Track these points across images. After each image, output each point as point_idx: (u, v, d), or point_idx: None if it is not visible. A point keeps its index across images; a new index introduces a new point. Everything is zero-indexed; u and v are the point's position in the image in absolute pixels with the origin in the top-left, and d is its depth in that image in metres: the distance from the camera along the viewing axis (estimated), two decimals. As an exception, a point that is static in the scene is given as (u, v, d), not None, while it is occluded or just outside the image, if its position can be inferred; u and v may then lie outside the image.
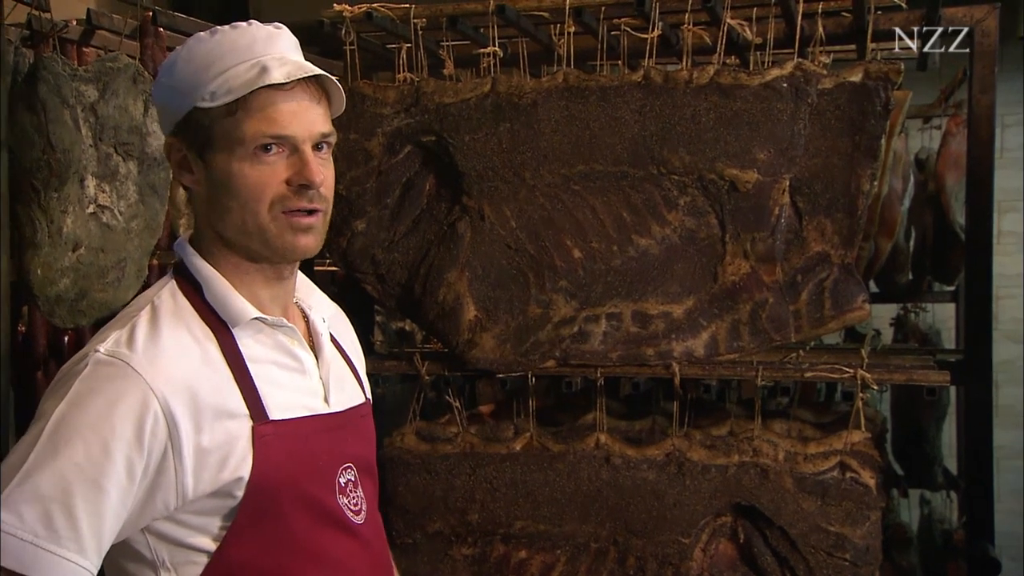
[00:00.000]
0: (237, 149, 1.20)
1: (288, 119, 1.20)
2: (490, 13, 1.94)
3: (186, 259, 1.28)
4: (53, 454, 1.12)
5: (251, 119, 1.19)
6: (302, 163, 1.21)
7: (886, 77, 1.84)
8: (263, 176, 1.20)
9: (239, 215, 1.21)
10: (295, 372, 1.30)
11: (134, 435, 1.13)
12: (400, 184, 2.09)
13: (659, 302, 1.99)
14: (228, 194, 1.21)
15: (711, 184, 1.94)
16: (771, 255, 1.93)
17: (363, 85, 2.06)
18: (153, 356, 1.17)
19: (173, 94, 1.22)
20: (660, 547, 1.90)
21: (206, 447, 1.18)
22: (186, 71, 1.21)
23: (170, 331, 1.21)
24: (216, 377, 1.21)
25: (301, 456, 1.25)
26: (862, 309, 1.92)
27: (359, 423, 1.39)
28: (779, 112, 1.87)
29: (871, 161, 1.87)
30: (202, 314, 1.24)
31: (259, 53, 1.21)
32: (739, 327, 1.95)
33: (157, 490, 1.17)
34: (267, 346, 1.27)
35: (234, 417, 1.20)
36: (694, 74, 1.92)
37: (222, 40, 1.22)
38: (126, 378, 1.15)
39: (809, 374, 1.94)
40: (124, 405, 1.14)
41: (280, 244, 1.23)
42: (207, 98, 1.19)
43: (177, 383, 1.17)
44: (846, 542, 1.77)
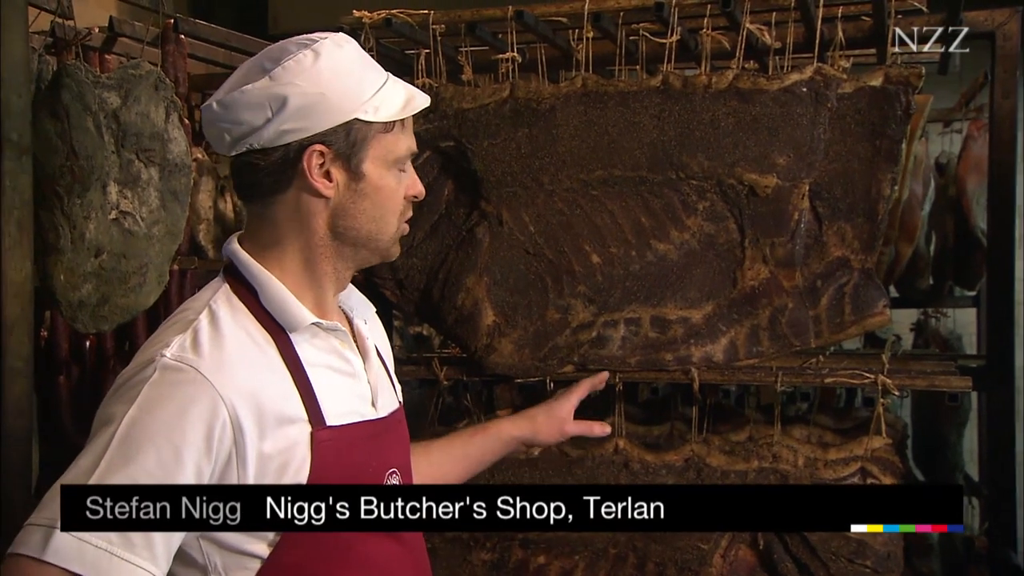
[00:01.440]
0: (390, 162, 1.29)
1: (413, 138, 1.34)
2: (508, 19, 1.95)
3: (238, 262, 1.29)
4: (124, 460, 1.13)
5: (403, 137, 1.31)
6: (413, 178, 1.35)
7: (907, 81, 1.83)
8: (401, 188, 1.33)
9: (375, 223, 1.30)
10: (347, 376, 1.32)
11: (204, 441, 1.15)
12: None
13: (678, 307, 1.99)
14: (374, 203, 1.29)
15: (730, 189, 1.93)
16: (791, 260, 1.92)
17: (382, 91, 2.07)
18: (220, 362, 1.19)
19: (321, 102, 1.23)
20: (679, 553, 1.89)
21: (268, 453, 1.19)
22: (338, 83, 1.24)
23: (232, 336, 1.23)
24: (278, 382, 1.23)
25: (353, 462, 1.27)
26: (883, 314, 1.90)
27: (398, 428, 1.40)
28: (799, 116, 1.87)
29: (891, 165, 1.86)
30: (258, 318, 1.26)
31: (382, 70, 1.32)
32: (759, 332, 1.95)
33: None
34: (322, 350, 1.30)
35: (294, 423, 1.22)
36: (713, 79, 1.91)
37: (356, 54, 1.29)
38: (195, 383, 1.17)
39: (829, 379, 1.93)
40: (195, 411, 1.15)
41: (394, 250, 1.36)
42: (369, 112, 1.25)
43: (243, 389, 1.19)
44: (867, 549, 1.76)
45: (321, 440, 1.23)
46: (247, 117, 1.24)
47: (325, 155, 1.25)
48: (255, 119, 1.24)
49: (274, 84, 1.22)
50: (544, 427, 1.75)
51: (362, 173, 1.28)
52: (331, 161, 1.26)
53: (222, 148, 1.29)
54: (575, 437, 2.08)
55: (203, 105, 1.34)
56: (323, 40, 1.27)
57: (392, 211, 1.32)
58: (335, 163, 1.26)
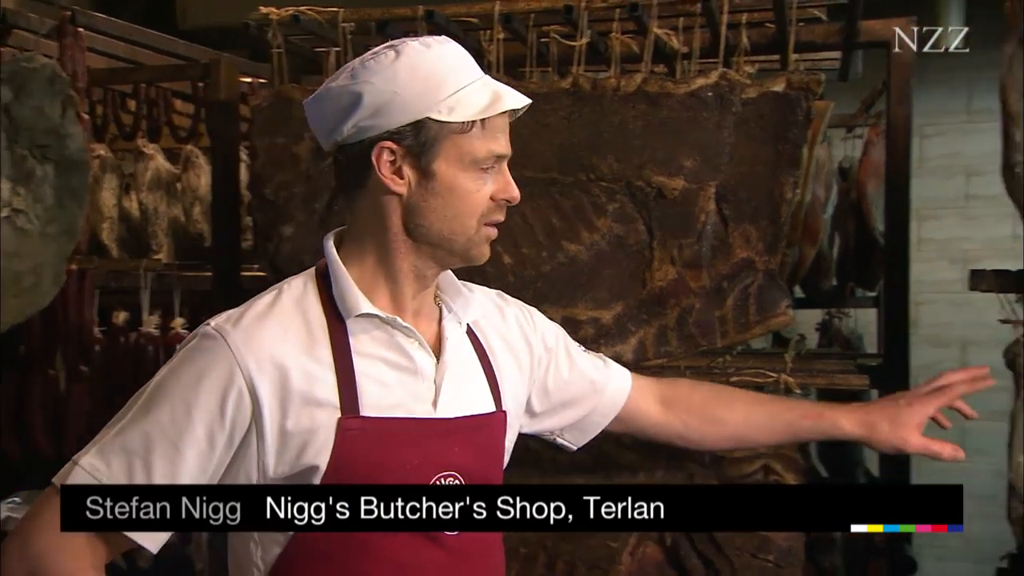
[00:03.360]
0: (467, 162, 1.28)
1: (505, 141, 1.31)
2: (419, 19, 1.94)
3: (326, 254, 1.34)
4: (145, 413, 1.23)
5: (483, 138, 1.28)
6: (505, 181, 1.32)
7: (807, 87, 1.88)
8: (482, 191, 1.30)
9: (450, 223, 1.30)
10: (405, 372, 1.31)
11: (217, 406, 1.21)
12: (328, 189, 2.07)
13: (588, 308, 2.00)
14: (446, 203, 1.29)
15: (639, 191, 1.96)
16: (698, 261, 1.95)
17: (291, 89, 2.04)
18: (251, 334, 1.24)
19: (394, 100, 1.25)
20: (589, 552, 1.90)
21: (289, 430, 1.23)
22: (413, 82, 1.25)
23: (283, 314, 1.28)
24: (313, 364, 1.25)
25: (388, 456, 1.27)
26: (785, 315, 1.95)
27: (477, 432, 1.37)
28: (704, 120, 1.90)
29: (793, 169, 1.91)
30: (326, 305, 1.30)
31: (476, 73, 1.31)
32: (667, 332, 1.98)
33: (240, 462, 1.24)
34: (380, 343, 1.31)
35: (322, 406, 1.24)
36: (622, 82, 1.94)
37: (446, 54, 1.29)
38: (218, 351, 1.23)
39: (735, 378, 1.96)
40: (211, 377, 1.22)
41: (476, 252, 1.34)
42: (443, 111, 1.25)
43: (267, 363, 1.23)
44: (770, 544, 1.80)
45: (349, 428, 1.24)
46: (331, 113, 1.29)
47: (396, 152, 1.27)
48: (337, 115, 1.29)
49: (354, 82, 1.27)
50: (884, 436, 1.56)
51: (432, 171, 1.28)
52: (402, 158, 1.28)
53: (321, 143, 1.35)
54: None
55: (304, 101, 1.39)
56: (412, 41, 1.30)
57: (469, 212, 1.30)
58: (405, 160, 1.28)
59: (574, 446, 1.64)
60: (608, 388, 1.60)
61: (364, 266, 1.33)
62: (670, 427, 1.63)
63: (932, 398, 1.56)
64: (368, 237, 1.33)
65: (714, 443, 1.67)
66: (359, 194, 1.33)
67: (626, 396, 1.61)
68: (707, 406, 1.62)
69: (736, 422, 1.61)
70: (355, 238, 1.35)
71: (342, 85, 1.28)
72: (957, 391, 1.55)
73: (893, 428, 1.55)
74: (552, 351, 1.57)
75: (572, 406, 1.59)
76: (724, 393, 1.67)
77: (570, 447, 1.64)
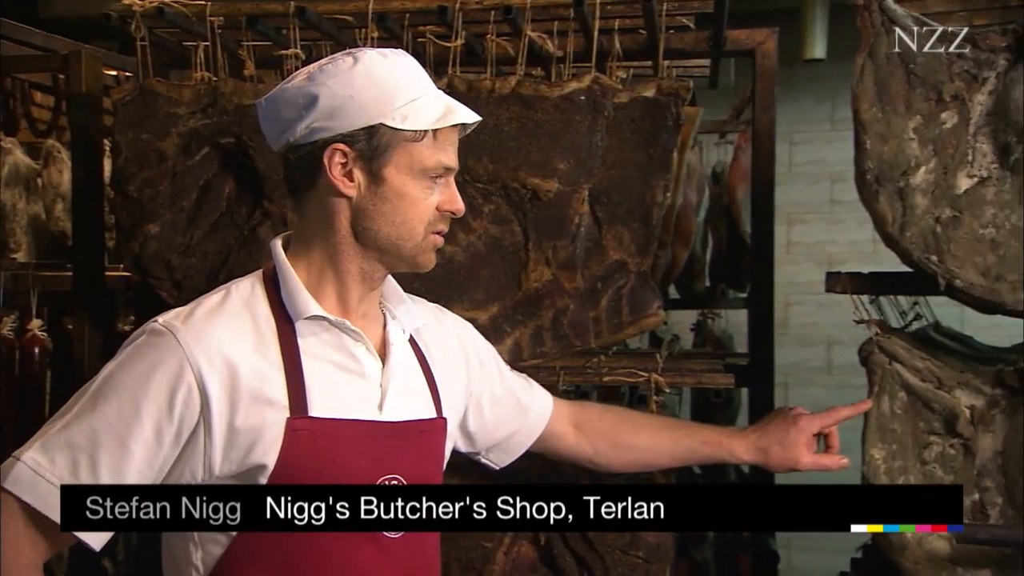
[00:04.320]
0: (416, 171, 1.31)
1: (454, 155, 1.37)
2: (290, 15, 1.90)
3: (274, 256, 1.36)
4: (92, 409, 1.23)
5: (434, 149, 1.32)
6: (451, 193, 1.37)
7: (676, 93, 1.92)
8: (429, 200, 1.34)
9: (398, 228, 1.33)
10: (352, 374, 1.33)
11: (166, 402, 1.22)
12: (197, 187, 2.01)
13: (464, 308, 2.00)
14: (395, 208, 1.32)
15: (514, 192, 1.97)
16: (572, 263, 1.98)
17: (156, 83, 1.97)
18: (201, 331, 1.26)
19: (348, 104, 1.29)
20: (463, 552, 1.90)
21: (238, 427, 1.24)
22: (370, 88, 1.29)
23: (232, 313, 1.30)
24: (263, 364, 1.27)
25: (334, 457, 1.28)
26: (657, 315, 1.99)
27: (419, 437, 1.38)
28: (578, 124, 1.92)
29: (664, 173, 1.95)
30: (274, 307, 1.32)
31: (430, 86, 1.35)
32: (542, 333, 1.99)
33: (187, 459, 1.24)
34: (329, 345, 1.33)
35: (271, 405, 1.25)
36: (496, 84, 1.94)
37: (403, 65, 1.33)
38: (168, 347, 1.24)
39: (608, 378, 2.00)
40: (160, 372, 1.23)
41: (422, 259, 1.37)
42: (397, 119, 1.29)
43: (217, 359, 1.24)
44: (640, 540, 1.83)
45: (296, 428, 1.25)
46: (285, 113, 1.32)
47: (348, 155, 1.30)
48: (290, 115, 1.31)
49: (310, 84, 1.30)
50: (777, 459, 1.65)
51: (383, 177, 1.31)
52: (353, 161, 1.31)
53: (271, 143, 1.38)
54: None
55: (256, 102, 1.43)
56: (369, 50, 1.34)
57: (416, 219, 1.33)
58: (357, 164, 1.31)
59: (497, 466, 1.69)
60: (533, 409, 1.66)
61: (312, 268, 1.35)
62: (581, 451, 1.70)
63: (816, 419, 1.66)
64: (316, 239, 1.35)
65: (621, 467, 1.72)
66: (308, 195, 1.35)
67: (548, 417, 1.67)
68: (615, 431, 1.68)
69: (642, 447, 1.68)
70: (303, 240, 1.37)
71: (298, 86, 1.31)
72: (842, 414, 1.66)
73: (784, 450, 1.64)
74: (485, 367, 1.61)
75: (501, 425, 1.63)
76: (631, 418, 1.74)
77: (493, 467, 1.69)
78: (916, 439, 1.68)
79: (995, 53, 1.64)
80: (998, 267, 1.60)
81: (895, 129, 1.65)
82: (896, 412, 1.68)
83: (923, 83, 1.64)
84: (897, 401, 1.69)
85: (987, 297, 1.61)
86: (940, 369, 1.70)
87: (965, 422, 1.65)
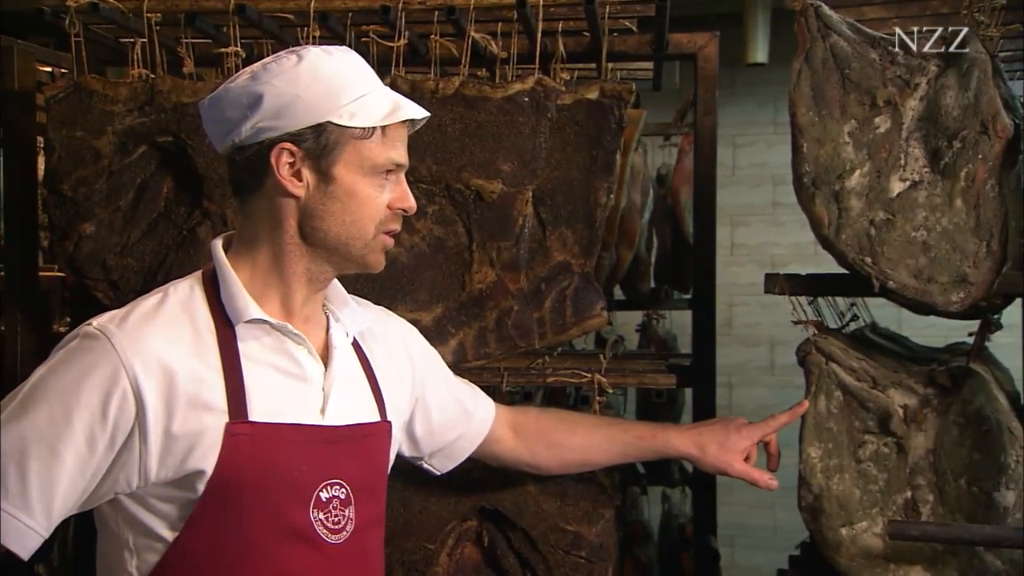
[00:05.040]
0: (366, 169, 1.30)
1: (404, 151, 1.35)
2: (230, 12, 1.87)
3: (214, 258, 1.33)
4: (20, 415, 1.19)
5: (383, 146, 1.31)
6: (402, 191, 1.35)
7: (620, 96, 1.94)
8: (380, 197, 1.32)
9: (347, 228, 1.30)
10: (294, 378, 1.30)
11: (99, 407, 1.19)
12: (134, 185, 1.97)
13: (408, 309, 1.99)
14: (344, 207, 1.30)
15: (458, 193, 1.96)
16: (516, 264, 1.98)
17: (91, 80, 1.94)
18: (137, 336, 1.22)
19: (296, 103, 1.27)
20: (406, 554, 1.89)
21: (175, 433, 1.21)
22: (316, 86, 1.27)
23: (170, 316, 1.27)
24: (201, 368, 1.24)
25: (275, 462, 1.25)
26: (600, 316, 2.00)
27: (363, 441, 1.36)
28: (521, 125, 1.93)
29: (607, 175, 1.97)
30: (214, 309, 1.29)
31: (378, 83, 1.33)
32: (486, 334, 1.99)
33: (121, 466, 1.21)
34: (269, 348, 1.31)
35: (210, 410, 1.23)
36: (440, 84, 1.94)
37: (351, 62, 1.31)
38: (103, 352, 1.21)
39: (551, 379, 2.01)
40: (94, 377, 1.20)
41: (372, 258, 1.35)
42: (344, 116, 1.27)
43: (153, 364, 1.21)
44: (582, 540, 1.84)
45: (235, 432, 1.23)
46: (229, 114, 1.30)
47: (295, 154, 1.28)
48: (235, 115, 1.29)
49: (254, 83, 1.28)
50: (711, 458, 1.68)
51: (332, 176, 1.29)
52: (301, 161, 1.29)
53: (215, 144, 1.35)
54: None
55: (198, 103, 1.40)
56: (314, 48, 1.31)
57: (367, 218, 1.31)
58: (305, 163, 1.29)
59: (439, 471, 1.68)
60: (477, 414, 1.66)
61: (256, 270, 1.33)
62: (519, 455, 1.70)
63: (757, 428, 1.70)
64: (262, 240, 1.33)
65: (559, 468, 1.74)
66: (254, 197, 1.33)
67: (491, 423, 1.67)
68: (551, 433, 1.70)
69: (577, 446, 1.70)
70: (247, 241, 1.34)
71: (242, 86, 1.29)
72: (780, 420, 1.71)
73: (720, 452, 1.68)
74: (431, 371, 1.61)
75: (447, 430, 1.63)
76: (567, 419, 1.75)
77: (435, 472, 1.68)
78: (851, 438, 1.71)
79: (926, 59, 1.67)
80: (929, 269, 1.63)
81: (831, 133, 1.68)
82: (832, 411, 1.71)
83: (857, 88, 1.68)
84: (833, 400, 1.71)
85: (919, 298, 1.64)
86: (875, 369, 1.73)
87: (898, 421, 1.69)
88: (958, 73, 1.64)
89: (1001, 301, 1.70)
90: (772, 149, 5.24)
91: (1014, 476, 1.60)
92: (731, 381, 5.06)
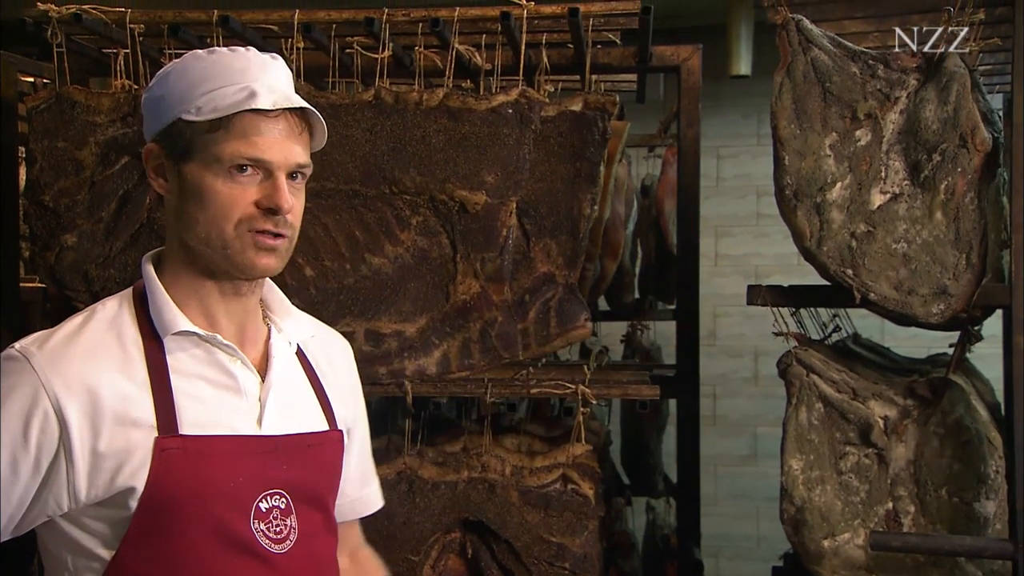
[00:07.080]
0: (213, 165, 1.23)
1: (267, 144, 1.24)
2: (213, 23, 1.87)
3: (143, 272, 1.30)
4: None
5: (232, 139, 1.23)
6: (274, 188, 1.25)
7: (603, 107, 1.95)
8: (234, 194, 1.24)
9: (205, 227, 1.24)
10: (226, 390, 1.27)
11: (20, 431, 1.16)
12: (116, 196, 1.97)
13: (392, 321, 1.99)
14: (198, 206, 1.24)
15: (442, 205, 1.97)
16: (500, 275, 1.98)
17: (73, 91, 1.93)
18: (58, 356, 1.20)
19: (160, 103, 1.26)
20: (390, 566, 1.87)
21: (102, 452, 1.18)
22: (178, 84, 1.25)
23: (94, 335, 1.23)
24: (127, 384, 1.21)
25: (210, 474, 1.22)
26: (584, 327, 2.01)
27: (305, 451, 1.32)
28: (505, 136, 1.93)
29: (591, 186, 1.97)
30: (141, 324, 1.26)
31: (251, 78, 1.25)
32: (470, 345, 1.99)
33: (50, 488, 1.18)
34: (200, 361, 1.27)
35: (138, 426, 1.20)
36: (424, 96, 1.94)
37: (218, 60, 1.26)
38: (22, 374, 1.18)
39: (535, 390, 2.01)
40: (14, 400, 1.17)
41: (241, 260, 1.25)
42: (192, 112, 1.23)
43: (75, 384, 1.18)
44: (566, 551, 1.84)
45: (166, 447, 1.20)
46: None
47: (159, 155, 1.27)
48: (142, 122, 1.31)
49: (145, 89, 1.30)
50: None
51: (184, 174, 1.25)
52: (165, 161, 1.27)
53: None
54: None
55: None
56: (201, 50, 1.29)
57: (222, 217, 1.23)
58: (167, 163, 1.27)
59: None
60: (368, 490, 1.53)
61: (178, 281, 1.29)
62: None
63: None
64: (170, 248, 1.31)
65: None
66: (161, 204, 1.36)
67: (358, 517, 1.54)
68: None
69: None
70: (165, 252, 1.32)
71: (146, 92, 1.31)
72: None
73: None
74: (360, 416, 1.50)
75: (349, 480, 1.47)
76: None
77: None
78: (833, 449, 1.71)
79: (906, 73, 1.69)
80: (910, 281, 1.64)
81: (812, 146, 1.69)
82: (813, 423, 1.72)
83: (838, 101, 1.69)
84: (814, 412, 1.72)
85: (900, 310, 1.65)
86: (855, 380, 1.74)
87: (879, 432, 1.70)
88: (937, 87, 1.66)
89: (981, 312, 1.71)
90: (756, 160, 5.26)
91: (994, 486, 1.61)
92: (715, 391, 5.07)
